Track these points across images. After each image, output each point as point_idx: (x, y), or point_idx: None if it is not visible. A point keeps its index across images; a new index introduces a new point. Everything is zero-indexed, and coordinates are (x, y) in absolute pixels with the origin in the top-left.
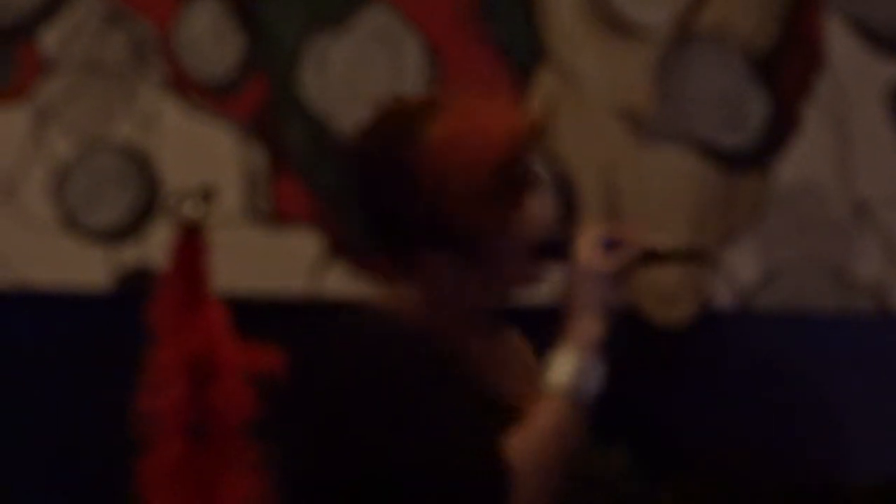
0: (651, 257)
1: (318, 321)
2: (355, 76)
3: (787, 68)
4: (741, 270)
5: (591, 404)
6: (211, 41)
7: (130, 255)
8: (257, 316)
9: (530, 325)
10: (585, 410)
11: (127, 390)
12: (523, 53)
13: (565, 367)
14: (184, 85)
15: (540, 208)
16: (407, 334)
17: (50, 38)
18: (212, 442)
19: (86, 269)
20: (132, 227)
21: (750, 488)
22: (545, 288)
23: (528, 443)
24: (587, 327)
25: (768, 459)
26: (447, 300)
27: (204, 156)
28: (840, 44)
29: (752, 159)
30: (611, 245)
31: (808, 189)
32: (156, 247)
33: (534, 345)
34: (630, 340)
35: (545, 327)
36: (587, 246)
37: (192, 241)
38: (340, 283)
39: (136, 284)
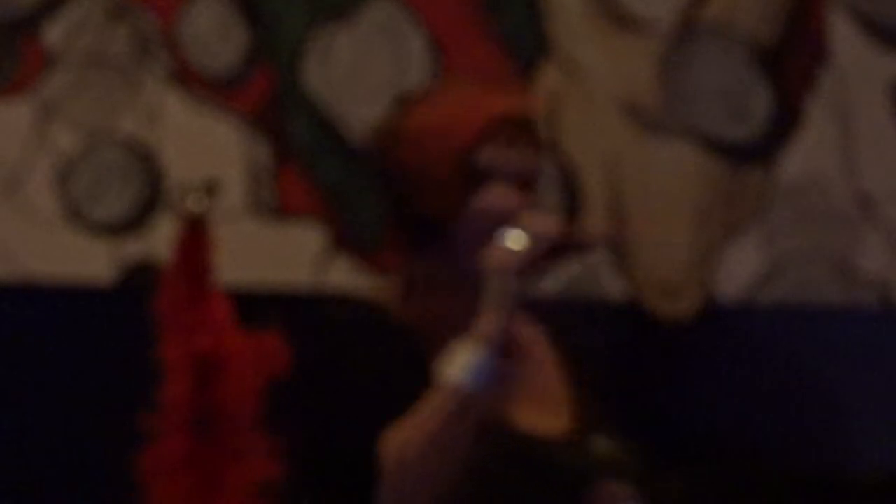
0: (561, 249)
1: (317, 313)
2: (360, 70)
3: (791, 62)
4: (745, 264)
5: (481, 398)
6: (215, 35)
7: (134, 248)
8: (261, 309)
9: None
10: (473, 404)
11: (130, 384)
12: (527, 47)
13: (457, 361)
14: (188, 78)
15: (500, 198)
16: (371, 325)
17: (54, 32)
18: (217, 435)
19: (89, 262)
20: (136, 221)
21: (753, 481)
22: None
23: (405, 433)
24: (486, 322)
25: (772, 453)
26: (419, 290)
27: (208, 149)
28: (845, 38)
29: (756, 153)
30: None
31: (813, 183)
32: (160, 240)
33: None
34: (633, 334)
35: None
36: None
37: (195, 234)
38: (344, 276)
39: (139, 278)
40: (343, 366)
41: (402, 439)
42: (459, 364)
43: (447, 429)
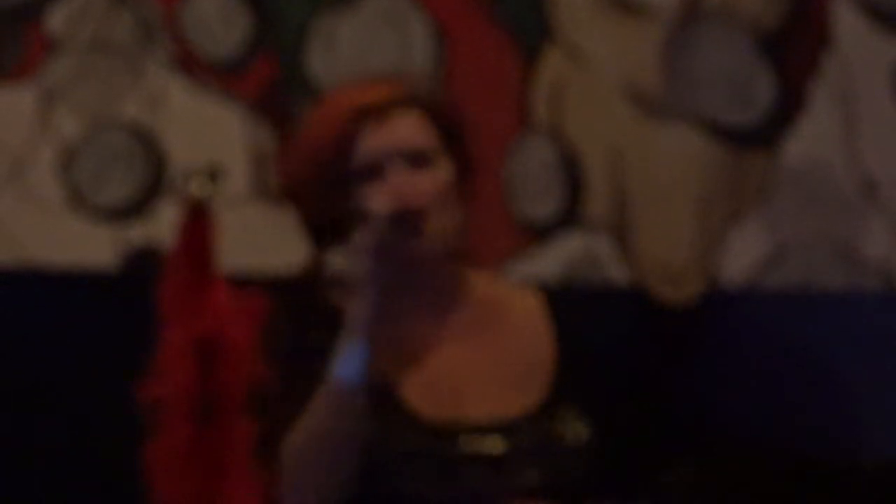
0: (400, 220)
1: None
2: (363, 56)
3: (794, 47)
4: (749, 249)
5: (356, 388)
6: (218, 20)
7: (137, 234)
8: (264, 294)
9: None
10: (350, 395)
11: (134, 370)
12: (530, 33)
13: (337, 354)
14: (191, 64)
15: (383, 194)
16: (306, 312)
17: (57, 18)
18: (219, 423)
19: (92, 248)
20: (139, 206)
21: (758, 466)
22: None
23: (296, 431)
24: (351, 310)
25: (777, 437)
26: (336, 283)
27: (211, 135)
28: (847, 23)
29: (759, 138)
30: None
31: (816, 168)
32: (163, 226)
33: None
34: (637, 319)
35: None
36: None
37: (198, 219)
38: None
39: (142, 263)
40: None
41: (292, 437)
42: (337, 357)
43: (326, 424)
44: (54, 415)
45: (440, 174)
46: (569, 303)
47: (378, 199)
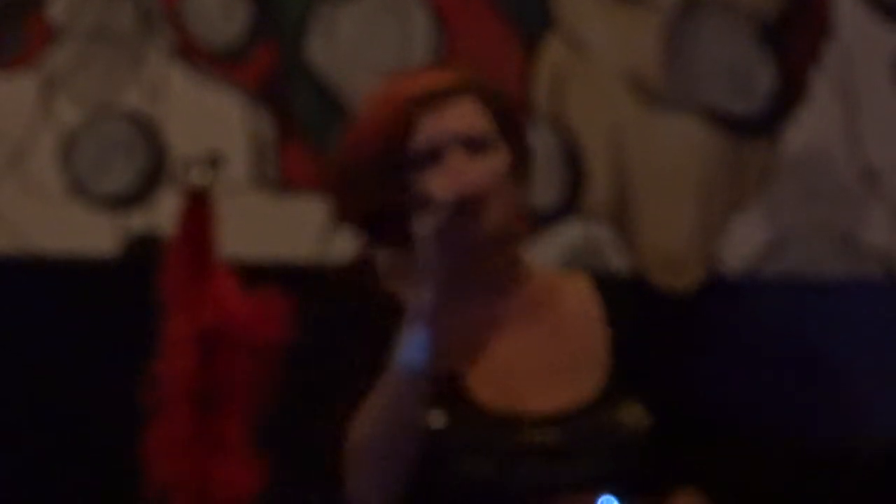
0: (461, 205)
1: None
2: (363, 43)
3: (794, 36)
4: (749, 237)
5: (419, 376)
6: (218, 9)
7: (138, 222)
8: (265, 282)
9: None
10: (414, 381)
11: (134, 358)
12: (531, 21)
13: (401, 341)
14: (191, 53)
15: (442, 179)
16: (355, 300)
17: (58, 6)
18: (220, 410)
19: (93, 236)
20: (139, 195)
21: (758, 453)
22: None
23: (359, 419)
24: (415, 298)
25: (776, 425)
26: (390, 273)
27: (212, 123)
28: (848, 12)
29: (759, 127)
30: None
31: (816, 156)
32: (163, 214)
33: None
34: (637, 307)
35: None
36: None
37: (199, 208)
38: (347, 249)
39: (143, 251)
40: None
41: (355, 426)
42: (400, 344)
43: (390, 412)
44: (55, 403)
45: (497, 160)
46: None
47: (439, 185)
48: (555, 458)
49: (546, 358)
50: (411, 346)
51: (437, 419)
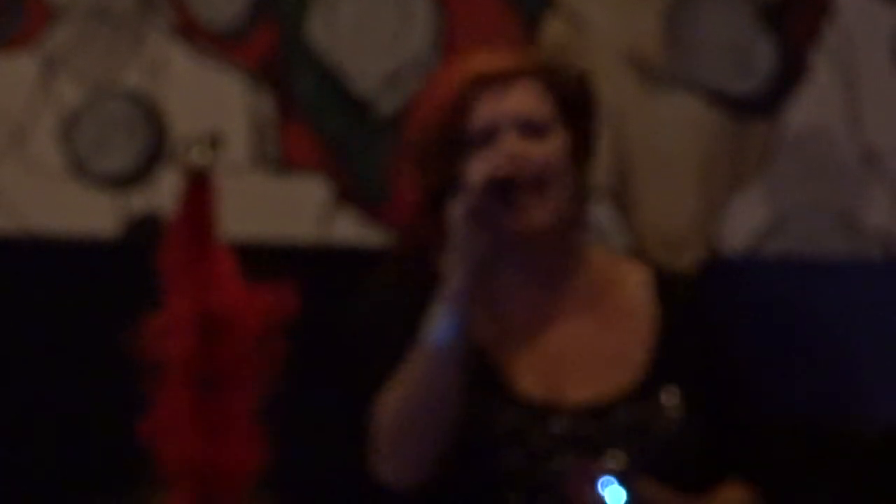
0: (494, 189)
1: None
2: (364, 23)
3: (795, 15)
4: (750, 217)
5: (448, 353)
6: None
7: (138, 202)
8: (265, 262)
9: None
10: (443, 360)
11: (135, 338)
12: (531, 1)
13: (432, 319)
14: (192, 32)
15: (482, 163)
16: (398, 279)
17: None
18: (222, 390)
19: (93, 216)
20: (140, 174)
21: (759, 432)
22: None
23: (390, 392)
24: (447, 279)
25: (777, 405)
26: (437, 251)
27: (212, 103)
28: None
29: (760, 106)
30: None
31: (817, 136)
32: (164, 194)
33: None
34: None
35: None
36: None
37: (200, 188)
38: (348, 229)
39: (143, 231)
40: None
41: (384, 402)
42: (432, 322)
43: (420, 387)
44: (54, 383)
45: (554, 145)
46: None
47: (475, 166)
48: (588, 451)
49: (588, 347)
50: (440, 326)
51: (473, 407)
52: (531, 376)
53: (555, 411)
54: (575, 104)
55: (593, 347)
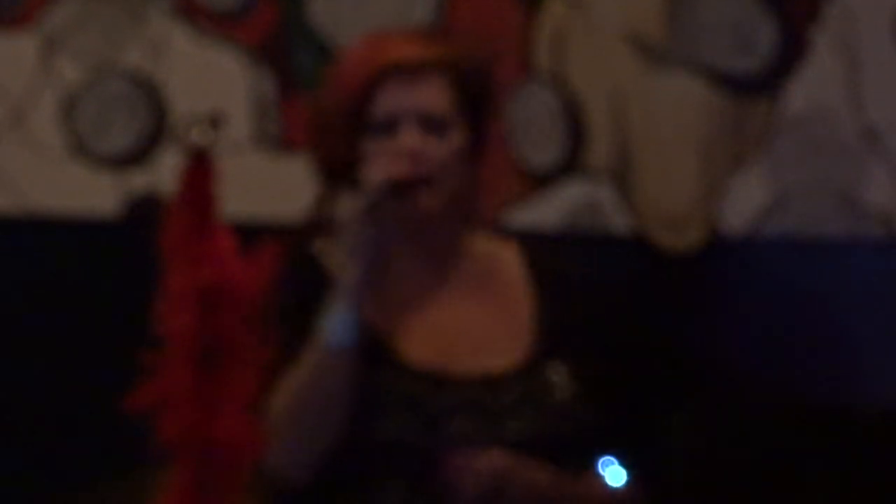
0: (391, 190)
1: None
2: (364, 2)
3: None
4: (750, 196)
5: (343, 352)
6: None
7: (139, 181)
8: (265, 241)
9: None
10: (337, 358)
11: (135, 317)
12: None
13: (327, 316)
14: (192, 11)
15: (379, 160)
16: (305, 261)
17: None
18: (220, 367)
19: (94, 195)
20: (141, 154)
21: (760, 414)
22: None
23: (281, 389)
24: (342, 275)
25: (777, 385)
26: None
27: (213, 82)
28: None
29: (761, 85)
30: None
31: (818, 115)
32: (164, 173)
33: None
34: (638, 267)
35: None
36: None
37: (200, 167)
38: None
39: (144, 211)
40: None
41: (278, 393)
42: (326, 318)
43: (311, 384)
44: (55, 362)
45: (453, 142)
46: (569, 250)
47: (374, 167)
48: (481, 418)
49: (477, 325)
50: (336, 323)
51: (363, 376)
52: (422, 350)
53: (446, 379)
54: (476, 100)
55: (480, 325)
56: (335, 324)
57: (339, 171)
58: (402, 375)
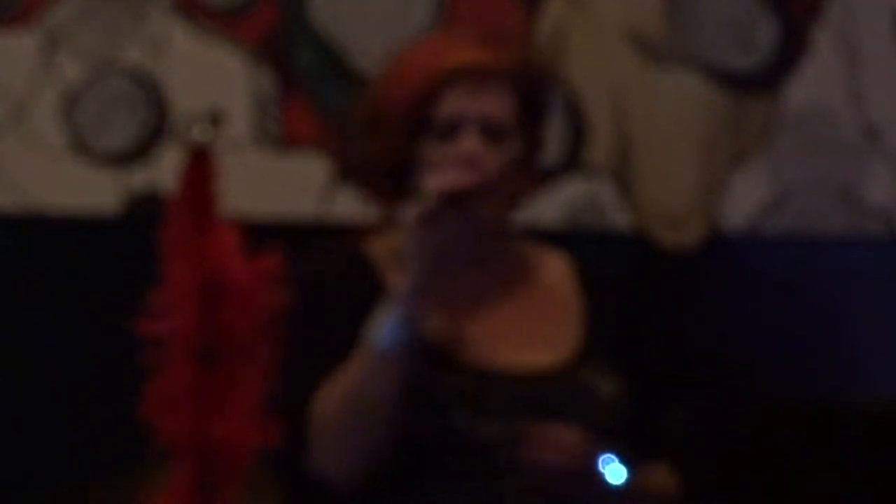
0: (450, 199)
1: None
2: (365, 0)
3: None
4: (751, 193)
5: (394, 356)
6: None
7: (139, 178)
8: (266, 239)
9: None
10: (386, 363)
11: (136, 314)
12: None
13: (378, 319)
14: (193, 9)
15: (441, 173)
16: (339, 262)
17: None
18: (221, 365)
19: (95, 192)
20: (141, 151)
21: (760, 410)
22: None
23: (330, 388)
24: (397, 281)
25: (778, 381)
26: (382, 232)
27: (213, 79)
28: None
29: (761, 83)
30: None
31: (818, 112)
32: (165, 170)
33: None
34: (638, 264)
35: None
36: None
37: (200, 164)
38: (349, 206)
39: (145, 208)
40: (310, 302)
41: (324, 396)
42: (378, 323)
43: (361, 389)
44: (56, 360)
45: (512, 150)
46: (569, 247)
47: (435, 174)
48: (535, 413)
49: (526, 324)
50: (387, 328)
51: (420, 378)
52: (473, 350)
53: (493, 376)
54: (535, 109)
55: (529, 324)
56: (389, 327)
57: (389, 172)
58: (455, 375)
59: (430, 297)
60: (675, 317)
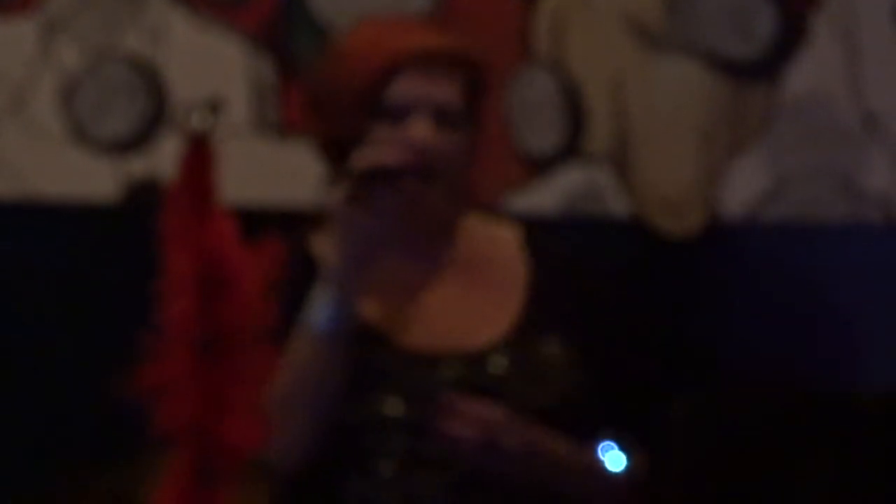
0: (370, 176)
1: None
2: None
3: None
4: (749, 181)
5: (330, 336)
6: None
7: (138, 166)
8: (265, 227)
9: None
10: (324, 344)
11: (135, 302)
12: None
13: (314, 302)
14: None
15: (392, 139)
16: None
17: None
18: (221, 353)
19: (94, 180)
20: (140, 139)
21: (759, 398)
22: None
23: (276, 378)
24: (328, 260)
25: (777, 370)
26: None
27: (212, 67)
28: None
29: (760, 71)
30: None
31: (817, 100)
32: (164, 159)
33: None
34: (637, 252)
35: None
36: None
37: (199, 152)
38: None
39: (144, 196)
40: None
41: (274, 385)
42: (313, 304)
43: (303, 370)
44: (55, 347)
45: (463, 136)
46: (568, 234)
47: (363, 153)
48: (471, 393)
49: (468, 306)
50: (322, 309)
51: (355, 360)
52: (413, 333)
53: (437, 360)
54: (479, 93)
55: (470, 306)
56: (323, 310)
57: (341, 155)
58: (392, 358)
59: (365, 277)
60: (673, 304)
